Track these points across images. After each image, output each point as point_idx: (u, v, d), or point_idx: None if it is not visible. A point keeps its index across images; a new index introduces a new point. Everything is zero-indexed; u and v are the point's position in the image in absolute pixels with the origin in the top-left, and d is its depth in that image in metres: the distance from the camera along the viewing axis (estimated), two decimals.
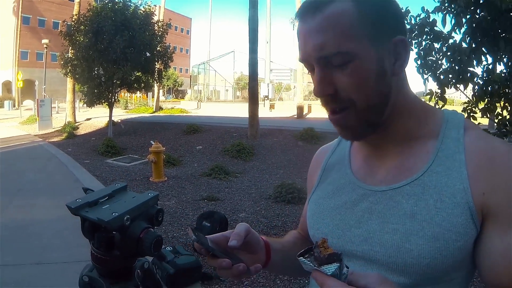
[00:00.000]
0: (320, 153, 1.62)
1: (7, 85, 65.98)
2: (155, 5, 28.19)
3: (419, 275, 1.12)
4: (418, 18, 5.27)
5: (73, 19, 20.78)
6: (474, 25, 5.08)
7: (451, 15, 5.13)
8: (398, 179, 1.24)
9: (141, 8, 20.93)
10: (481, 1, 4.98)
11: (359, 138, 1.31)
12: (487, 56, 5.34)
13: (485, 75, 5.38)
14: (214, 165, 12.90)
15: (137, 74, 21.02)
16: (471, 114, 5.39)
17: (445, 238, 1.10)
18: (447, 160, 1.19)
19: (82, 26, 19.79)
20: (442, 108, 1.56)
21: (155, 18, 21.83)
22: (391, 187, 1.24)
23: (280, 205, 9.14)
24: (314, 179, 1.55)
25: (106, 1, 20.30)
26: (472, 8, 5.08)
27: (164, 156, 11.65)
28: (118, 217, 1.25)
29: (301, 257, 0.92)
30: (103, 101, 20.62)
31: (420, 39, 5.29)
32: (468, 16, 5.12)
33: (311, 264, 0.90)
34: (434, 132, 1.26)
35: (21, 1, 53.28)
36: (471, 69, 5.27)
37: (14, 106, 50.76)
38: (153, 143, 11.19)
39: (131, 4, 20.18)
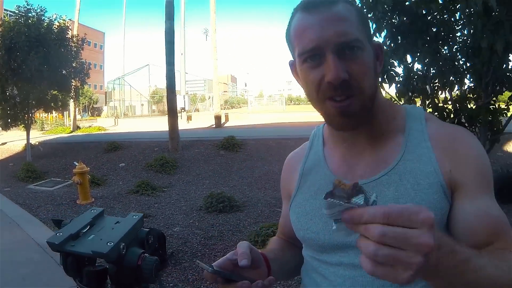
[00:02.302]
0: (290, 160, 1.71)
1: None
2: (70, 19, 27.33)
3: None
4: None
5: None
6: (393, 29, 5.32)
7: (371, 21, 5.36)
8: (376, 171, 1.38)
9: (56, 22, 19.77)
10: (399, 7, 5.22)
11: (358, 127, 1.36)
12: (407, 56, 5.64)
13: (405, 74, 5.67)
14: (140, 182, 12.68)
15: (54, 92, 20.12)
16: None
17: None
18: (416, 148, 1.36)
19: None
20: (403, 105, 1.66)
21: (70, 33, 21.10)
22: (372, 179, 1.37)
23: (213, 215, 9.13)
24: (291, 185, 1.61)
25: (18, 16, 18.97)
26: (389, 14, 5.33)
27: (89, 177, 11.37)
28: (115, 246, 1.18)
29: (329, 199, 0.88)
30: (19, 123, 19.60)
31: None
32: (388, 21, 5.37)
33: (341, 202, 0.86)
34: (400, 126, 1.44)
35: None
36: (394, 69, 5.51)
37: None
38: (76, 164, 10.87)
39: (45, 19, 19.00)
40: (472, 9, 4.92)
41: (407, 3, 5.37)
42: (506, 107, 6.20)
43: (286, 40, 1.41)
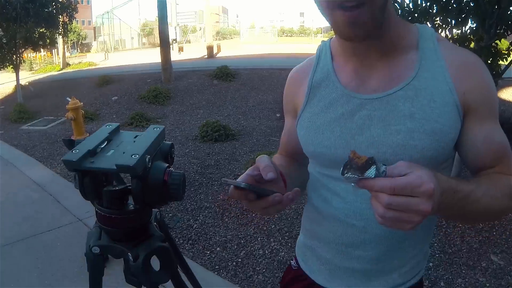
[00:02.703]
0: (295, 74, 1.65)
1: None
2: None
3: None
4: None
5: None
6: None
7: None
8: (391, 86, 1.36)
9: None
10: None
11: (368, 37, 1.29)
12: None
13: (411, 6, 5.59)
14: (134, 113, 12.66)
15: (41, 30, 19.32)
16: None
17: (442, 131, 1.29)
18: (431, 66, 1.35)
19: None
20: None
21: None
22: (386, 93, 1.36)
23: (208, 144, 9.18)
24: (298, 100, 1.58)
25: None
26: None
27: (83, 112, 11.29)
28: (141, 159, 1.10)
29: (346, 174, 1.00)
30: (7, 64, 18.84)
31: None
32: None
33: (355, 176, 0.99)
34: (413, 43, 1.40)
35: None
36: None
37: None
38: (69, 99, 10.69)
39: None
40: None
41: None
42: (506, 52, 6.14)
43: None
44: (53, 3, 18.82)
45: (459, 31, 6.11)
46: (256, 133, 10.16)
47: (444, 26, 5.96)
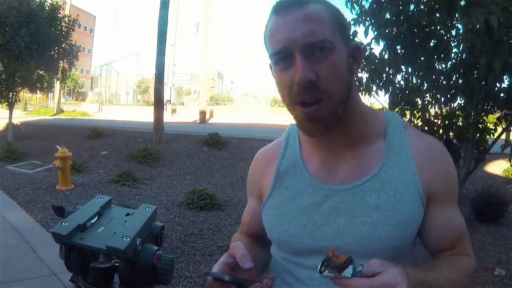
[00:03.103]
0: (262, 157, 1.68)
1: None
2: None
3: (387, 257, 1.20)
4: None
5: None
6: (394, 38, 5.34)
7: (373, 27, 5.36)
8: (358, 177, 1.40)
9: (48, 1, 19.47)
10: (402, 16, 5.23)
11: (327, 133, 1.36)
12: (403, 67, 5.67)
13: (402, 84, 5.68)
14: (122, 172, 12.54)
15: (41, 72, 19.74)
16: None
17: (406, 222, 1.34)
18: (397, 156, 1.41)
19: None
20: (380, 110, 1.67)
21: (62, 13, 20.67)
22: (353, 185, 1.39)
23: (193, 212, 9.09)
24: (264, 184, 1.60)
25: None
26: (392, 22, 5.34)
27: (71, 162, 11.25)
28: (132, 242, 1.09)
29: (325, 273, 1.05)
30: (2, 100, 19.00)
31: None
32: (390, 29, 5.37)
33: (333, 275, 1.04)
34: (381, 132, 1.47)
35: None
36: (390, 78, 5.55)
37: None
38: (59, 148, 10.72)
39: None
40: (472, 26, 4.94)
41: (409, 13, 5.41)
42: (493, 128, 6.28)
43: (264, 43, 1.40)
44: (56, 48, 19.08)
45: (448, 107, 6.26)
46: (242, 205, 10.00)
47: (433, 102, 6.10)
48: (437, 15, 5.44)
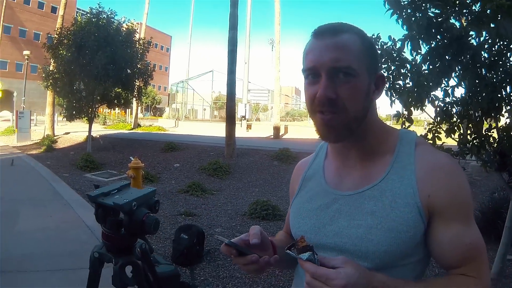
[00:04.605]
0: (299, 166, 1.93)
1: None
2: (138, 22, 28.07)
3: (378, 260, 1.44)
4: (385, 46, 5.51)
5: (57, 32, 20.71)
6: (433, 51, 5.28)
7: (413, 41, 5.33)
8: (362, 185, 1.57)
9: (124, 25, 21.00)
10: (433, 30, 5.17)
11: (338, 140, 1.58)
12: (447, 79, 5.56)
13: (445, 98, 5.60)
14: (192, 183, 13.07)
15: (117, 90, 21.06)
16: (436, 134, 5.62)
17: (398, 230, 1.44)
18: (401, 170, 1.53)
19: (65, 40, 19.67)
20: (400, 128, 1.90)
21: (137, 36, 21.76)
22: (356, 192, 1.57)
23: (255, 221, 9.39)
24: (295, 187, 1.85)
25: (90, 16, 20.24)
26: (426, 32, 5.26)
27: (143, 172, 11.76)
28: (128, 202, 1.68)
29: (288, 250, 1.33)
30: (83, 115, 20.53)
31: (388, 64, 5.57)
32: (428, 41, 5.31)
33: (293, 254, 1.31)
34: (391, 148, 1.60)
35: (3, 10, 51.49)
36: (433, 92, 5.52)
37: None
38: (132, 159, 11.24)
39: (115, 21, 20.23)
40: None
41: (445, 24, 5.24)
42: None
43: (302, 58, 1.62)
44: (131, 68, 20.23)
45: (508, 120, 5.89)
46: None
47: (488, 114, 5.70)
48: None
